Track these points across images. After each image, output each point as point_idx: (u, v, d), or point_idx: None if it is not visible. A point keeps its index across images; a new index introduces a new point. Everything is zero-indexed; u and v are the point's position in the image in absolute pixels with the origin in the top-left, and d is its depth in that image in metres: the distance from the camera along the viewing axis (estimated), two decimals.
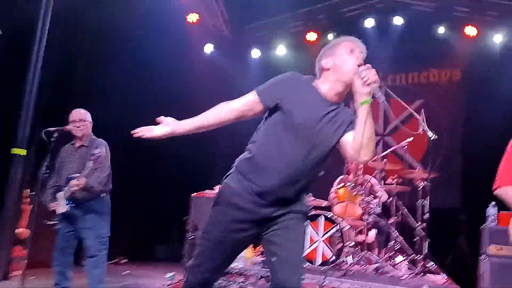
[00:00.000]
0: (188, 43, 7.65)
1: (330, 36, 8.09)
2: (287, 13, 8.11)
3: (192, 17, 7.31)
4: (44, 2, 4.30)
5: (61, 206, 3.60)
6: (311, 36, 8.07)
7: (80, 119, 3.79)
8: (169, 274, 5.27)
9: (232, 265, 4.34)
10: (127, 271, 6.05)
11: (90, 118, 3.91)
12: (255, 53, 8.45)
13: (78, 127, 3.76)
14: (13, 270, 4.42)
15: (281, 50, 8.32)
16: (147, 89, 7.05)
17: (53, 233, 3.73)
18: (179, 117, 2.21)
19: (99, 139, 3.87)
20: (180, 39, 7.37)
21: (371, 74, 1.98)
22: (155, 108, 7.22)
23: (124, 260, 6.78)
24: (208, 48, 8.12)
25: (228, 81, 8.13)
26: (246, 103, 2.09)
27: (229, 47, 8.14)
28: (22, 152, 4.07)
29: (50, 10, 4.36)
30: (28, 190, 4.66)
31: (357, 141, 1.97)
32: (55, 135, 3.68)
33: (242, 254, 4.51)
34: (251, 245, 5.08)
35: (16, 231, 4.42)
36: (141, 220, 7.28)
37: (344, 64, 2.09)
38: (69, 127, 3.74)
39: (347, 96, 2.14)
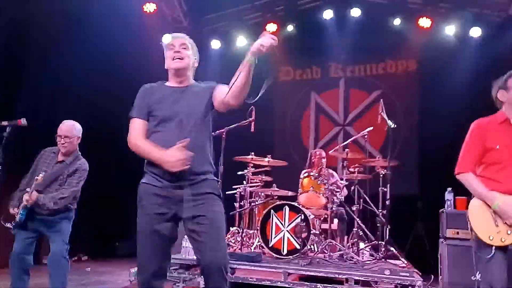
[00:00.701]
0: (145, 34, 7.44)
1: (290, 28, 8.13)
2: (246, 4, 8.07)
3: (149, 7, 7.10)
4: None
5: (17, 214, 3.46)
6: (271, 27, 8.07)
7: (65, 135, 3.62)
8: (132, 270, 5.15)
9: (193, 258, 4.30)
10: (88, 268, 5.88)
11: (79, 132, 3.74)
12: (215, 44, 8.36)
13: (62, 143, 3.62)
14: None
15: (241, 41, 8.26)
16: (103, 81, 6.81)
17: (10, 236, 3.55)
18: None
19: (82, 160, 3.72)
20: (138, 29, 7.15)
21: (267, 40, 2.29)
22: (111, 100, 7.07)
23: (85, 257, 6.58)
24: (165, 39, 7.93)
25: None
26: (139, 127, 2.45)
27: None
28: None
29: None
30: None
31: (229, 87, 2.35)
32: (8, 129, 3.46)
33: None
34: None
35: None
36: (101, 217, 7.07)
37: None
38: (22, 120, 3.53)
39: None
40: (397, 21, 7.62)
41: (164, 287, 2.37)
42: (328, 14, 7.85)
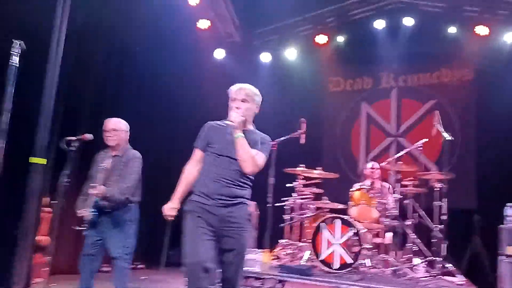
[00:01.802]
0: (198, 50, 7.70)
1: (340, 39, 8.11)
2: (297, 17, 8.15)
3: (203, 24, 7.35)
4: (59, 13, 4.36)
5: (87, 213, 3.63)
6: (321, 39, 8.09)
7: (112, 128, 3.78)
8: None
9: (248, 269, 4.37)
10: (144, 277, 6.09)
11: (126, 127, 3.89)
12: (265, 57, 8.48)
13: (110, 136, 3.77)
14: (34, 277, 4.46)
15: (291, 54, 8.35)
16: (159, 96, 7.10)
17: (76, 240, 3.76)
18: (191, 123, 2.70)
19: (134, 151, 3.85)
20: (191, 45, 7.42)
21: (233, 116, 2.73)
22: (167, 115, 7.34)
23: (141, 266, 6.82)
24: (219, 54, 8.16)
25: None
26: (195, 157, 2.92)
27: (239, 52, 8.18)
28: (42, 161, 4.11)
29: (66, 21, 4.41)
30: (48, 199, 4.71)
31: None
32: (75, 144, 3.71)
33: (259, 258, 4.57)
34: (268, 250, 5.11)
35: (37, 238, 4.46)
36: (154, 226, 7.31)
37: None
38: (88, 135, 3.78)
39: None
40: (452, 29, 7.41)
41: None
42: (380, 24, 7.77)
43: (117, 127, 3.82)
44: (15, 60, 2.21)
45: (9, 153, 2.08)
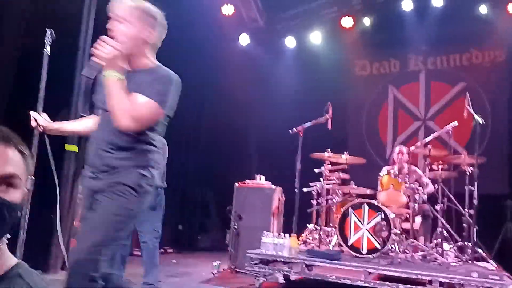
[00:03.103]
0: (223, 36, 7.70)
1: (367, 21, 7.96)
2: (321, 0, 8.03)
3: (227, 9, 7.32)
4: (87, 2, 4.43)
5: None
6: (347, 22, 7.95)
7: None
8: (215, 263, 5.40)
9: (275, 253, 4.42)
10: (174, 260, 6.23)
11: None
12: (290, 41, 8.41)
13: None
14: None
15: (316, 38, 8.25)
16: (184, 87, 7.15)
17: None
18: (217, 109, 2.45)
19: (159, 137, 3.93)
20: (215, 32, 7.42)
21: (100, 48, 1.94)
22: (192, 103, 7.39)
23: (171, 250, 6.97)
24: (243, 39, 8.13)
25: (263, 71, 8.16)
26: None
27: (263, 37, 8.15)
28: (74, 148, 4.24)
29: (94, 10, 4.47)
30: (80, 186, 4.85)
31: None
32: None
33: (286, 243, 4.60)
34: (294, 234, 5.14)
35: (74, 224, 4.61)
36: (184, 210, 7.45)
37: None
38: None
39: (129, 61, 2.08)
40: (483, 8, 7.17)
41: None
42: (407, 5, 7.58)
43: None
44: (47, 49, 2.26)
45: (43, 140, 2.15)
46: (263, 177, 5.91)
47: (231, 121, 7.57)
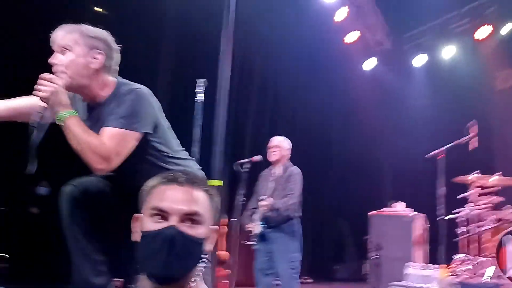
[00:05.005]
0: (346, 63, 7.70)
1: (506, 28, 7.27)
2: (451, 13, 7.58)
3: (351, 37, 7.30)
4: (224, 48, 4.78)
5: (256, 226, 3.89)
6: (484, 31, 7.33)
7: (275, 145, 4.05)
8: None
9: (424, 286, 4.14)
10: None
11: (289, 145, 4.11)
12: (419, 60, 8.04)
13: (273, 152, 4.03)
14: None
15: (448, 53, 7.77)
16: (312, 114, 7.29)
17: (252, 255, 4.03)
18: (345, 137, 2.36)
19: (294, 167, 4.05)
20: (339, 58, 7.46)
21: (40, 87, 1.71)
22: (321, 130, 7.48)
23: (309, 280, 6.96)
24: (369, 64, 8.02)
25: (393, 94, 7.94)
26: None
27: (391, 59, 7.94)
28: (219, 183, 4.54)
29: (230, 57, 4.80)
30: (226, 217, 5.17)
31: None
32: (247, 165, 4.04)
33: (435, 274, 4.29)
34: (444, 265, 4.77)
35: (217, 253, 4.91)
36: (320, 240, 7.44)
37: None
38: (257, 157, 4.07)
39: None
40: None
41: None
42: None
43: (280, 144, 4.06)
44: (201, 97, 2.50)
45: None
46: (403, 204, 5.64)
47: (362, 148, 7.44)
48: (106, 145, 1.71)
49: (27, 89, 1.83)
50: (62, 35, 1.80)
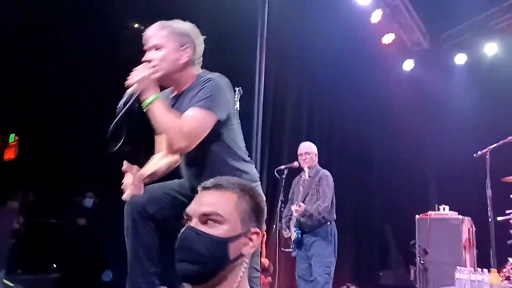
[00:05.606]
0: (384, 65, 7.58)
1: None
2: (491, 9, 7.33)
3: (388, 38, 7.20)
4: (258, 57, 4.84)
5: (292, 233, 3.90)
6: None
7: (305, 152, 4.09)
8: None
9: None
10: None
11: (315, 149, 4.17)
12: (460, 59, 7.81)
13: (304, 159, 4.08)
14: None
15: (490, 50, 7.50)
16: (349, 119, 7.20)
17: (292, 262, 4.02)
18: (388, 137, 2.26)
19: (324, 170, 4.09)
20: (376, 62, 7.36)
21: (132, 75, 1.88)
22: (362, 134, 7.38)
23: (353, 287, 6.84)
24: (407, 65, 7.86)
25: (433, 94, 7.75)
26: None
27: (429, 59, 7.75)
28: None
29: (263, 66, 4.84)
30: (265, 225, 5.19)
31: None
32: (285, 172, 4.06)
33: (486, 279, 4.11)
34: (494, 269, 4.58)
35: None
36: (364, 246, 7.30)
37: None
38: (296, 163, 4.09)
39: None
40: None
41: None
42: None
43: (309, 150, 4.11)
44: (237, 104, 2.54)
45: None
46: (447, 207, 5.47)
47: (404, 151, 7.28)
48: (188, 125, 1.83)
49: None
50: (154, 33, 1.96)
